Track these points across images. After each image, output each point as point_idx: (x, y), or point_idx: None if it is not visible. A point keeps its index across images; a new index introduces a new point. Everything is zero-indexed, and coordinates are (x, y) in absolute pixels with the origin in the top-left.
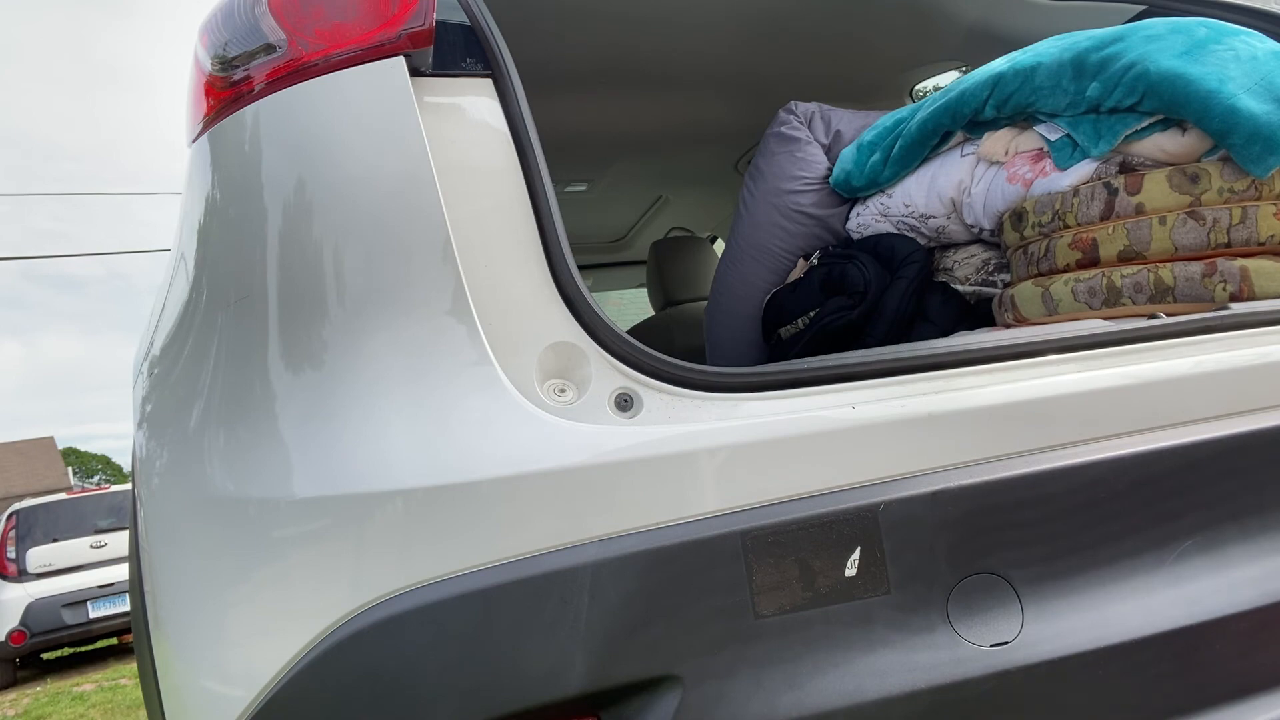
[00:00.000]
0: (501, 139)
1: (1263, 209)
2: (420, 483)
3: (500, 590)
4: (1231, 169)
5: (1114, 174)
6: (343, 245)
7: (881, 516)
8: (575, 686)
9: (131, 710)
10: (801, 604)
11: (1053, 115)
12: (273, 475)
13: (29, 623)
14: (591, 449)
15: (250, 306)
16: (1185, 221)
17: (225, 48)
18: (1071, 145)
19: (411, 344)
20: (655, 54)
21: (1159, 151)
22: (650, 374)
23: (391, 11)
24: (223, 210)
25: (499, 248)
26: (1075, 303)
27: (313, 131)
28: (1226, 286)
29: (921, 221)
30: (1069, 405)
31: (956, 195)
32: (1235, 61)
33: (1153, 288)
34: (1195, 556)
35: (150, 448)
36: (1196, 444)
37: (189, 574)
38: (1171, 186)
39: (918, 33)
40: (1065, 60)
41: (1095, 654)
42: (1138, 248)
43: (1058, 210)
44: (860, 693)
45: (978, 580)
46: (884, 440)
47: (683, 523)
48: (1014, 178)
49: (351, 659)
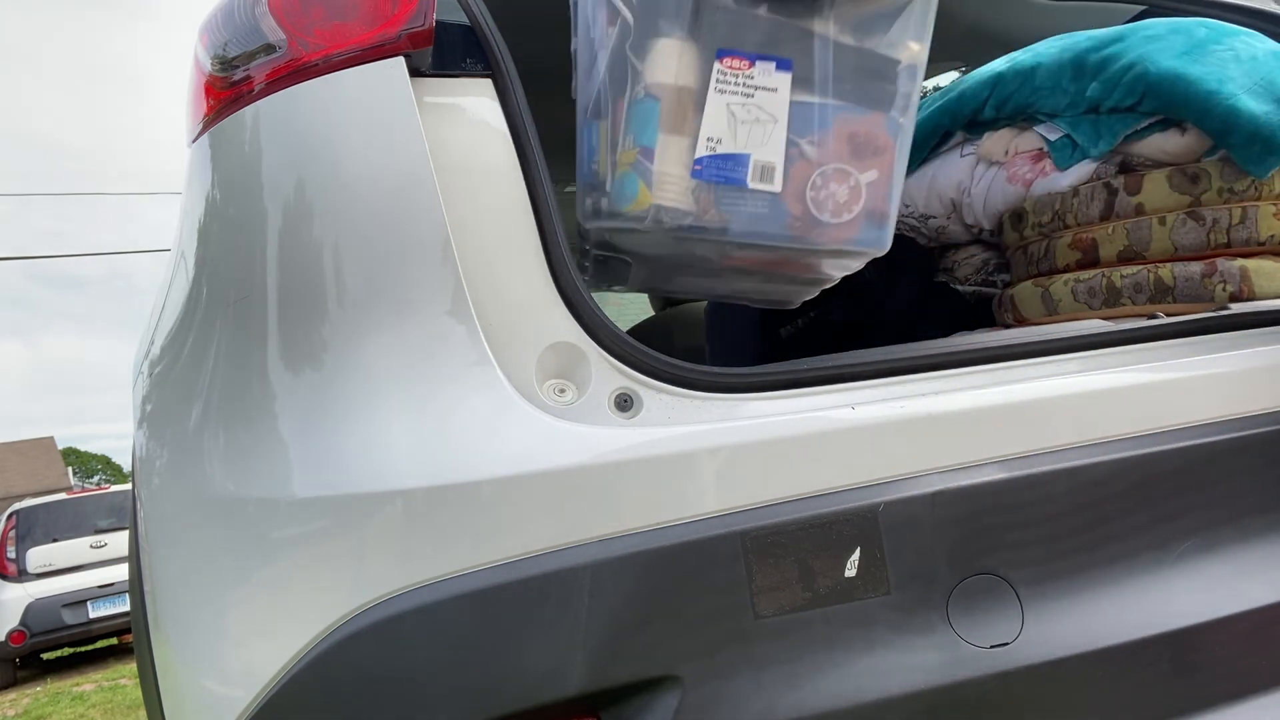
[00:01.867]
0: (501, 139)
1: (1263, 209)
2: (420, 483)
3: (500, 590)
4: (1231, 169)
5: (1114, 174)
6: (343, 246)
7: (881, 517)
8: (575, 687)
9: (131, 710)
10: (801, 604)
11: (1052, 115)
12: (272, 476)
13: (29, 623)
14: (591, 449)
15: (250, 306)
16: (1185, 221)
17: (225, 48)
18: (1071, 145)
19: (411, 345)
20: None
21: (1159, 152)
22: (650, 374)
23: (391, 12)
24: (223, 210)
25: (499, 248)
26: (1075, 303)
27: (313, 132)
28: (1226, 286)
29: (921, 222)
30: (1069, 406)
31: (956, 195)
32: (1235, 62)
33: (1152, 288)
34: (1195, 557)
35: (150, 448)
36: (1196, 445)
37: (189, 574)
38: (1171, 187)
39: None
40: (1065, 60)
41: (1095, 655)
42: (1137, 248)
43: (1057, 210)
44: (860, 693)
45: (978, 581)
46: (884, 441)
47: (683, 523)
48: (1014, 178)
49: (351, 659)
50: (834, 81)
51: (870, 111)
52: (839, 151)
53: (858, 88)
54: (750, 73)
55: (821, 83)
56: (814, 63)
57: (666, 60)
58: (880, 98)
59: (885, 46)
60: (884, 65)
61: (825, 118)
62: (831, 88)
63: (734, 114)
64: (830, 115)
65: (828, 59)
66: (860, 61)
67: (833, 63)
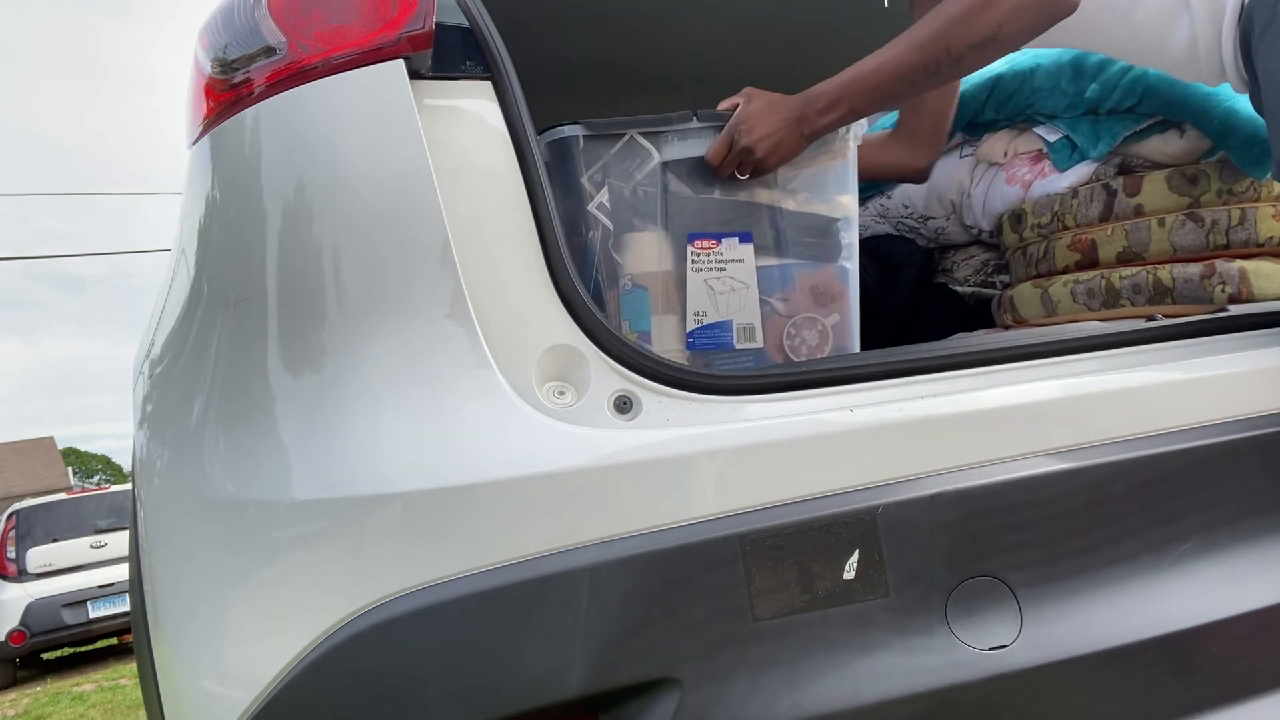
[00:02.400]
0: (501, 141)
1: (1261, 210)
2: (419, 485)
3: (499, 593)
4: (1230, 170)
5: (1113, 175)
6: (342, 248)
7: (880, 519)
8: (574, 689)
9: (131, 710)
10: (800, 607)
11: (1052, 117)
12: (272, 477)
13: (29, 623)
14: (590, 452)
15: (250, 308)
16: (1184, 223)
17: (225, 50)
18: (1070, 147)
19: (411, 347)
20: (655, 54)
21: (1158, 153)
22: (649, 376)
23: (391, 14)
24: (222, 212)
25: (498, 250)
26: (1074, 304)
27: (313, 134)
28: (1225, 288)
29: (921, 222)
30: (1067, 408)
31: (956, 196)
32: None
33: (1152, 289)
34: (1194, 559)
35: (150, 448)
36: (1195, 447)
37: (189, 575)
38: (1170, 188)
39: None
40: (1064, 62)
41: (1094, 657)
42: (1136, 249)
43: (1057, 211)
44: (859, 695)
45: (976, 583)
46: (883, 443)
47: (681, 525)
48: (1013, 179)
49: (351, 661)
50: (789, 244)
51: (823, 265)
52: (805, 303)
53: (809, 246)
54: (719, 249)
55: (779, 246)
56: (769, 231)
57: (647, 252)
58: (829, 251)
59: (823, 206)
60: (826, 223)
61: (788, 276)
62: (789, 249)
63: (712, 287)
64: (792, 273)
65: (781, 225)
66: (806, 223)
67: (785, 228)
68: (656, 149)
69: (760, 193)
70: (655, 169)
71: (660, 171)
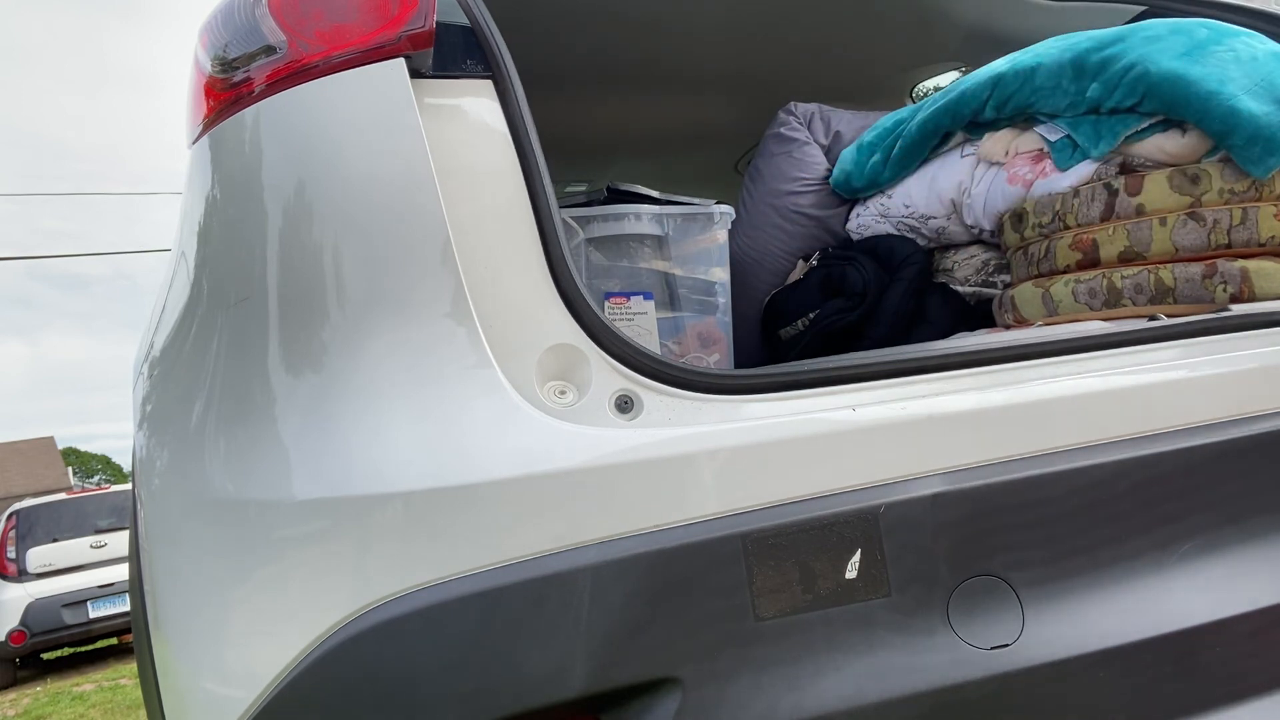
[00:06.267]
0: (501, 140)
1: (1263, 210)
2: (420, 485)
3: (501, 592)
4: (1232, 170)
5: (1114, 175)
6: (343, 247)
7: (882, 519)
8: (576, 688)
9: (131, 710)
10: (802, 606)
11: (1053, 116)
12: (273, 477)
13: (29, 623)
14: (592, 451)
15: (250, 308)
16: (1186, 222)
17: (225, 49)
18: (1072, 146)
19: (412, 346)
20: (655, 54)
21: (1159, 152)
22: (650, 376)
23: (392, 13)
24: (223, 212)
25: (499, 249)
26: (1075, 304)
27: (313, 133)
28: (1227, 288)
29: (921, 222)
30: (1069, 407)
31: (956, 196)
32: (1235, 62)
33: (1153, 289)
34: (1196, 559)
35: (150, 448)
36: (1197, 446)
37: (189, 575)
38: (1172, 187)
39: (918, 33)
40: (1065, 61)
41: (1096, 656)
42: (1138, 249)
43: (1058, 211)
44: (861, 695)
45: (978, 582)
46: (884, 442)
47: (683, 525)
48: (1014, 178)
49: (352, 661)
50: (681, 302)
51: (707, 316)
52: (694, 346)
53: (696, 303)
54: (629, 305)
55: (673, 303)
56: (665, 291)
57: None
58: (710, 307)
59: (705, 274)
60: (708, 286)
61: (680, 325)
62: (680, 305)
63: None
64: (684, 323)
65: (675, 287)
66: (694, 284)
67: (678, 289)
68: (581, 229)
69: (658, 263)
70: (580, 243)
71: (584, 245)
